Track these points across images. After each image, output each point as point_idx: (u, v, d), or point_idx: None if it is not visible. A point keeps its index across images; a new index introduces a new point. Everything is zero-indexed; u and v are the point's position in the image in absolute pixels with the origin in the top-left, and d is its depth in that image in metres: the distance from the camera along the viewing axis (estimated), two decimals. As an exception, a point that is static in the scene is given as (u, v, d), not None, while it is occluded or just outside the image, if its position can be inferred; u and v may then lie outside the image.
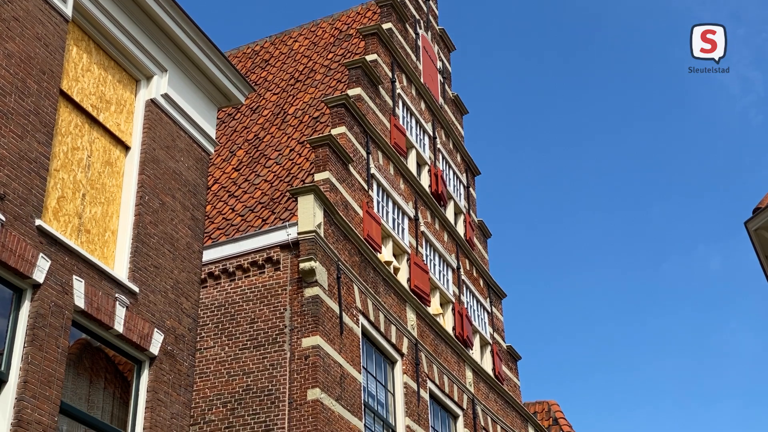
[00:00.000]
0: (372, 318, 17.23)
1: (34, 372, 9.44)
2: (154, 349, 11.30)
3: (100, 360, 10.96)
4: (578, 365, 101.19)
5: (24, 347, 9.48)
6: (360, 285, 16.98)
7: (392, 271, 18.96)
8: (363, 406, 16.33)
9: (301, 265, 15.65)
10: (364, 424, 16.27)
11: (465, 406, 20.38)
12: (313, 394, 14.97)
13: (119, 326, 10.75)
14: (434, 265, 21.61)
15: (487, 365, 23.30)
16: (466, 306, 22.82)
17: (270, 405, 15.21)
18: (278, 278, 15.99)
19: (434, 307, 21.15)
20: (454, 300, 22.06)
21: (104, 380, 10.90)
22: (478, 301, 23.90)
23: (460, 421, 20.18)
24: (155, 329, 11.37)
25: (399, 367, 18.02)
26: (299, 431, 14.80)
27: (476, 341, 23.19)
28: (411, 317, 18.87)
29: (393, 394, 17.82)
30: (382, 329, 17.56)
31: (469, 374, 21.04)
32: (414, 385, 18.26)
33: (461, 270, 22.97)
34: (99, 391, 10.77)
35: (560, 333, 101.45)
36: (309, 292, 15.63)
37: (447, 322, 21.66)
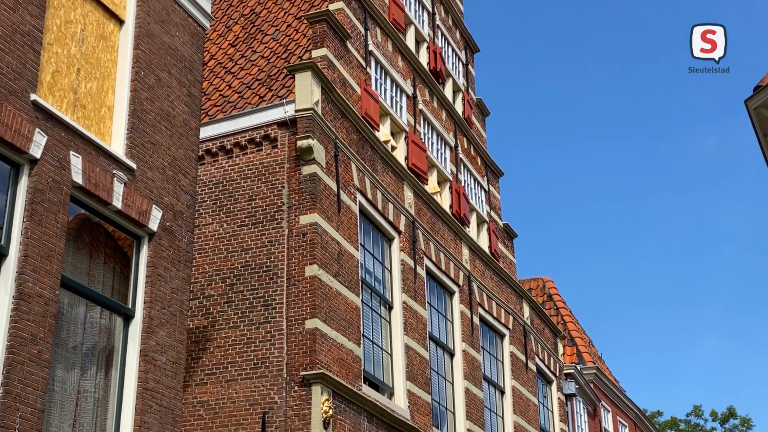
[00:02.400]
0: (369, 196, 17.29)
1: (34, 246, 9.51)
2: (153, 225, 11.37)
3: (99, 235, 11.04)
4: (573, 243, 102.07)
5: (23, 222, 9.53)
6: (358, 163, 16.98)
7: (390, 150, 18.93)
8: (360, 283, 16.53)
9: (299, 143, 15.61)
10: (362, 300, 16.51)
11: (461, 283, 20.65)
12: (311, 270, 15.14)
13: (117, 202, 10.79)
14: (432, 143, 21.57)
15: (483, 243, 23.52)
16: (463, 184, 22.89)
17: (268, 281, 15.39)
18: (276, 156, 15.97)
19: (432, 185, 21.20)
20: (451, 178, 22.11)
21: (104, 255, 11.00)
22: (475, 179, 23.95)
23: (456, 298, 20.48)
24: (153, 206, 11.41)
25: (396, 245, 18.17)
26: (297, 307, 15.02)
27: (473, 219, 23.35)
28: (408, 195, 18.94)
29: (390, 271, 18.02)
30: (380, 207, 17.64)
31: (465, 251, 21.25)
32: (411, 262, 18.45)
33: (459, 148, 22.95)
34: (99, 266, 10.88)
35: (556, 212, 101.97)
36: (306, 169, 15.64)
37: (444, 200, 21.76)
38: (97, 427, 10.51)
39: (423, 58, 22.05)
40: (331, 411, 14.42)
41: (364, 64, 18.59)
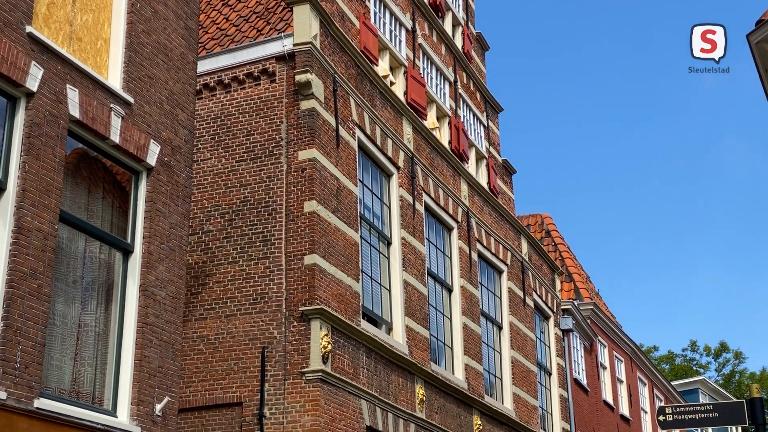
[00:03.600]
0: (368, 131, 17.19)
1: (32, 180, 9.46)
2: (151, 159, 11.31)
3: (97, 170, 10.98)
4: (572, 180, 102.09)
5: (21, 156, 9.47)
6: (356, 98, 16.85)
7: (388, 85, 18.78)
8: (359, 219, 16.52)
9: (297, 78, 15.47)
10: (360, 236, 16.50)
11: (459, 219, 20.65)
12: (310, 206, 15.11)
13: (115, 136, 10.71)
14: (431, 78, 21.40)
15: (482, 179, 23.47)
16: (462, 120, 22.77)
17: (267, 217, 15.37)
18: (274, 90, 15.84)
19: (430, 120, 21.09)
20: (450, 113, 21.98)
21: (102, 190, 10.96)
22: (474, 114, 23.83)
23: (455, 234, 20.49)
24: (151, 140, 11.34)
25: (395, 181, 18.12)
26: (296, 243, 15.02)
27: (472, 155, 23.27)
28: (407, 131, 18.84)
29: (389, 207, 18.00)
30: (379, 142, 17.55)
31: (464, 187, 21.22)
32: (409, 198, 18.42)
33: (458, 83, 22.78)
34: (98, 200, 10.84)
35: (555, 149, 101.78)
36: (305, 104, 15.52)
37: (443, 136, 21.67)
38: (98, 360, 10.57)
39: (422, -9, 21.78)
40: (329, 346, 14.51)
41: (362, -3, 18.36)
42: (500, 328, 22.45)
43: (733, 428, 47.21)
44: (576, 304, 28.40)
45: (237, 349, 14.85)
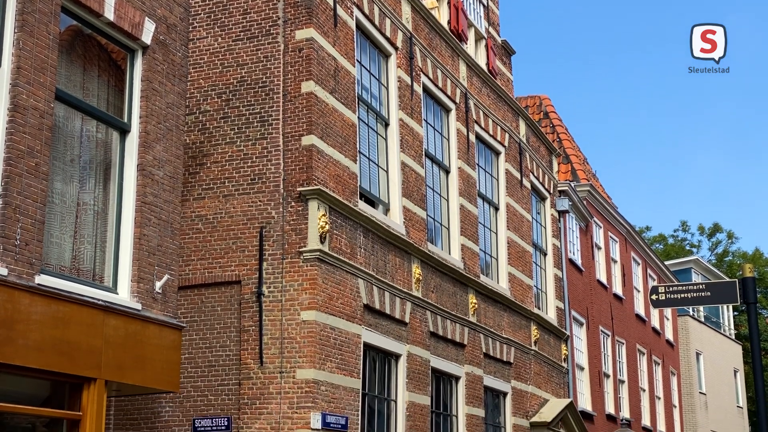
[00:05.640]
0: (366, 11, 16.94)
1: (26, 58, 9.38)
2: (146, 38, 11.19)
3: (92, 48, 10.88)
4: (571, 62, 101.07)
5: (15, 33, 9.35)
6: (354, -25, 16.55)
7: (387, -38, 18.42)
8: (357, 99, 16.42)
9: (294, -46, 15.17)
10: (358, 117, 16.44)
11: (458, 100, 20.54)
12: (307, 86, 15.00)
13: (110, 14, 10.57)
14: (430, -44, 20.96)
15: (480, 60, 23.24)
16: (461, -1, 22.40)
17: (264, 97, 15.28)
18: (270, -33, 15.53)
19: (429, 0, 20.75)
20: (449, -7, 21.61)
21: (98, 68, 10.87)
22: (474, -6, 23.42)
23: (453, 115, 20.42)
24: (146, 18, 11.19)
25: (393, 61, 17.95)
26: (294, 123, 14.97)
27: (471, 35, 22.99)
28: (406, 10, 18.56)
29: (386, 88, 17.88)
30: (377, 22, 17.32)
31: (462, 68, 21.04)
32: (407, 79, 18.28)
33: (458, -38, 22.33)
34: (93, 79, 10.77)
35: (554, 29, 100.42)
36: (302, -18, 15.25)
37: (442, 16, 21.36)
38: (97, 238, 10.67)
39: None
40: (327, 226, 14.63)
41: None
42: (497, 209, 22.59)
43: (725, 307, 48.04)
44: (573, 185, 28.51)
45: (235, 228, 14.98)
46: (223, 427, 14.33)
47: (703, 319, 45.82)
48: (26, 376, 9.47)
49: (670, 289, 12.98)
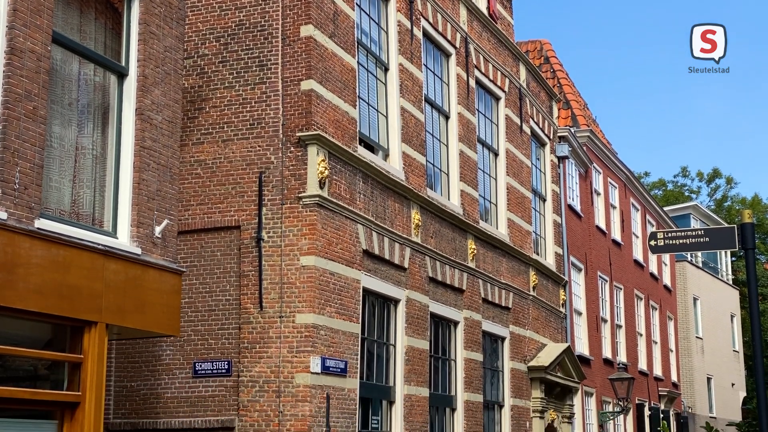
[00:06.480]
0: (366, -47, 16.76)
1: (23, 0, 9.27)
2: (144, -20, 11.05)
3: (88, -10, 10.75)
4: (572, 5, 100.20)
5: (10, -25, 9.25)
6: None
7: None
8: (356, 44, 16.30)
9: None
10: (358, 62, 16.33)
11: (458, 45, 20.38)
12: (306, 30, 14.88)
13: (106, -45, 10.44)
14: None
15: (481, 3, 23.01)
16: (462, -58, 22.13)
17: (263, 41, 15.16)
18: None
19: (429, -58, 20.49)
20: (450, -65, 21.34)
21: (95, 11, 10.76)
22: (474, -63, 23.14)
23: (453, 60, 20.28)
24: (143, -41, 11.05)
25: (392, 5, 17.78)
26: (293, 68, 14.87)
27: (471, -21, 22.75)
28: (405, -47, 18.36)
29: (386, 33, 17.73)
30: (376, -35, 17.16)
31: (463, 13, 20.85)
32: (407, 23, 18.13)
33: None
34: (90, 21, 10.66)
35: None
36: (300, -76, 15.05)
37: (442, -41, 21.11)
38: (96, 183, 10.66)
39: None
40: (326, 171, 14.60)
41: None
42: (496, 154, 22.54)
43: (723, 252, 48.21)
44: (572, 131, 28.43)
45: (234, 173, 14.95)
46: (223, 371, 14.46)
47: (701, 265, 46.00)
48: (27, 320, 9.51)
49: (669, 234, 12.99)
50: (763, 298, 47.12)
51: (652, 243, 12.84)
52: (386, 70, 17.56)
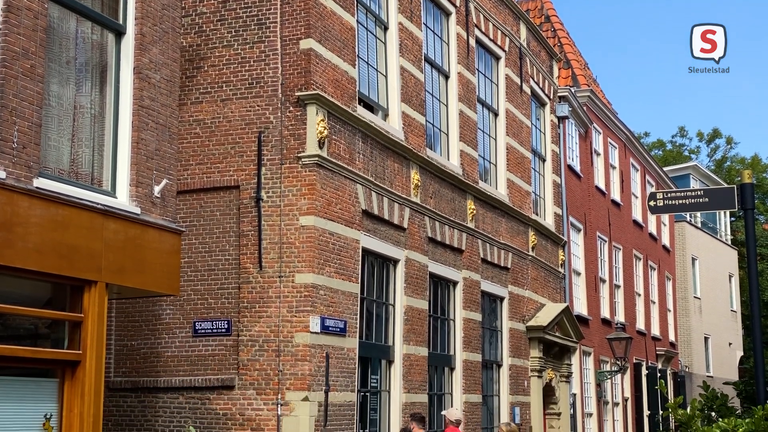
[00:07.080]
0: None
1: (18, -43, 9.20)
2: (141, -63, 10.94)
3: (85, -53, 10.64)
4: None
5: (6, -69, 9.15)
6: None
7: None
8: (355, 2, 16.16)
9: None
10: (357, 21, 16.21)
11: (458, 3, 20.23)
12: (305, -12, 14.76)
13: None
14: None
15: (481, -38, 22.83)
16: None
17: (261, -1, 15.05)
18: None
19: None
20: None
21: (92, -32, 10.67)
22: None
23: (452, 19, 20.13)
24: None
25: (392, -38, 17.64)
26: (291, 27, 14.76)
27: (472, -63, 22.53)
28: None
29: (386, -9, 17.60)
30: None
31: (463, -29, 20.67)
32: (407, -19, 17.99)
33: None
34: (87, -21, 10.57)
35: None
36: None
37: None
38: (95, 142, 10.62)
39: None
40: (326, 131, 14.55)
41: None
42: (496, 114, 22.47)
43: (722, 213, 48.24)
44: (573, 90, 28.31)
45: (233, 133, 14.90)
46: (223, 330, 14.51)
47: (699, 225, 46.05)
48: (27, 278, 9.53)
49: (668, 195, 12.98)
50: (761, 258, 47.22)
51: (652, 203, 12.83)
52: (386, 29, 17.45)
